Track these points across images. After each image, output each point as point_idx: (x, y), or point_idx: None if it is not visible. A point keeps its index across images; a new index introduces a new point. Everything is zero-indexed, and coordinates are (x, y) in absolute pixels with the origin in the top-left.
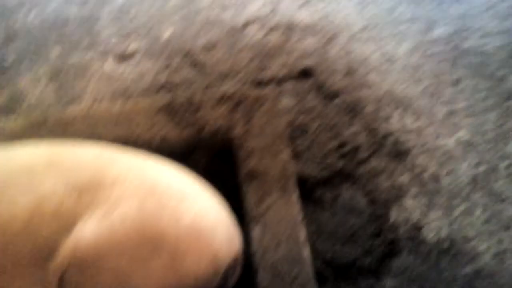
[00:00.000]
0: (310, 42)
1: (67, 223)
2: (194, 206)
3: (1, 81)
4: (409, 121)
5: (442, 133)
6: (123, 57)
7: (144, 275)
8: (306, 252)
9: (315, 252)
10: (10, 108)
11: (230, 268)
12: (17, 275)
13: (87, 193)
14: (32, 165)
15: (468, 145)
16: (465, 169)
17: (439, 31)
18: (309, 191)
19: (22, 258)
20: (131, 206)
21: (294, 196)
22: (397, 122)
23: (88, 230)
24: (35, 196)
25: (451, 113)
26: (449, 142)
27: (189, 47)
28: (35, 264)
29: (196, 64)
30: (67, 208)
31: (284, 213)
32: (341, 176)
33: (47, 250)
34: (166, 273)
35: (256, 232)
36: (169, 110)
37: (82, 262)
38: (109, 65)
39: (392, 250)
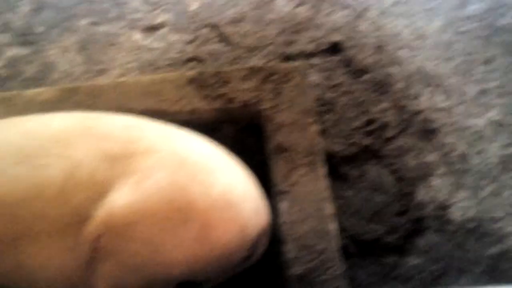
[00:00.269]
0: (339, 16)
1: (100, 191)
2: (224, 178)
3: (30, 52)
4: (439, 100)
5: (473, 113)
6: (151, 29)
7: (173, 245)
8: (333, 227)
9: (339, 228)
10: (39, 78)
11: (258, 239)
12: (50, 242)
13: (119, 162)
14: (66, 133)
15: (499, 126)
16: (495, 150)
17: (473, 8)
18: (335, 167)
19: (55, 224)
20: (162, 176)
21: (322, 171)
22: (426, 100)
23: (120, 199)
24: (69, 163)
25: (482, 92)
26: (480, 122)
27: (216, 19)
28: (68, 231)
29: (223, 37)
30: (100, 176)
31: (312, 188)
32: (368, 153)
33: (80, 217)
34: (195, 243)
35: (283, 205)
36: (198, 82)
37: (115, 230)
38: (137, 36)
39: (417, 228)
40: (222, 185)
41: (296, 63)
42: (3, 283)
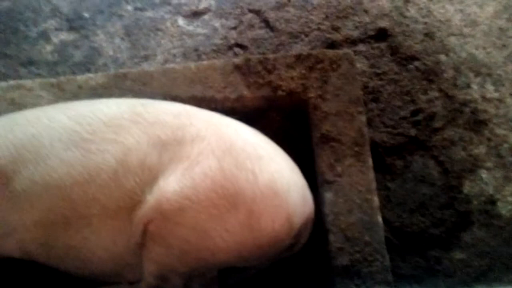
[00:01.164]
0: (387, 1)
1: (151, 176)
2: (270, 167)
3: (78, 37)
4: (490, 90)
5: None
6: (195, 14)
7: (221, 232)
8: (379, 219)
9: (383, 219)
10: (87, 63)
11: (303, 229)
12: (102, 225)
13: (169, 148)
14: (117, 119)
15: None
16: None
17: None
18: (379, 158)
19: (107, 208)
20: (210, 164)
21: (369, 163)
22: (476, 90)
23: (171, 185)
24: (121, 148)
25: None
26: None
27: (260, 5)
28: (120, 214)
29: (267, 23)
30: (151, 161)
31: (358, 179)
32: (414, 144)
33: (131, 201)
34: (242, 230)
35: (328, 195)
36: (244, 70)
37: (166, 214)
38: (181, 22)
39: (463, 222)
40: (269, 173)
41: (344, 51)
42: (55, 265)
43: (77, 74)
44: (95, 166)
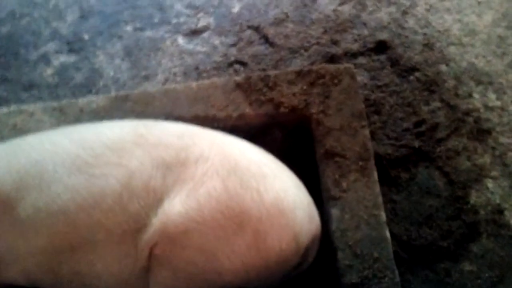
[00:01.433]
0: (385, 13)
1: (156, 199)
2: (275, 186)
3: (78, 59)
4: (492, 98)
5: None
6: (194, 33)
7: (228, 253)
8: (387, 234)
9: (390, 233)
10: (88, 85)
11: (310, 247)
12: (108, 250)
13: (173, 170)
14: (120, 142)
15: None
16: None
17: None
18: (384, 170)
19: (113, 233)
20: (215, 184)
21: (374, 177)
22: (479, 99)
23: (176, 207)
24: (125, 172)
25: None
26: None
27: (259, 21)
28: (126, 238)
29: (266, 39)
30: (155, 184)
31: (364, 194)
32: (418, 156)
33: (137, 225)
34: (249, 250)
35: (335, 211)
36: (245, 87)
37: (171, 237)
38: (181, 41)
39: (471, 233)
40: (274, 191)
41: (344, 65)
42: None
43: (78, 96)
44: (100, 190)
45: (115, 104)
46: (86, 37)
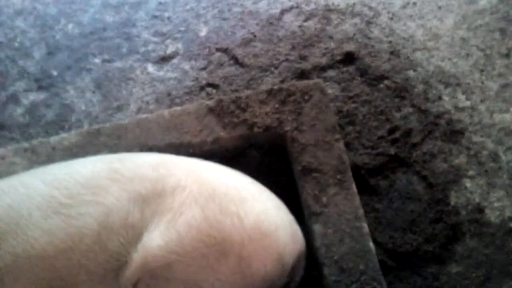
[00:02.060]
0: (350, 25)
1: (135, 234)
2: (255, 208)
3: (48, 96)
4: (461, 99)
5: (497, 109)
6: (163, 60)
7: (213, 281)
8: (371, 245)
9: (375, 242)
10: (60, 121)
11: (296, 266)
12: None
13: (150, 202)
14: (94, 179)
15: None
16: None
17: (484, 1)
18: (363, 180)
19: (94, 273)
20: (194, 213)
21: (353, 189)
22: (448, 101)
23: (155, 240)
24: (101, 210)
25: (504, 87)
26: (505, 117)
27: (227, 43)
28: (107, 277)
29: (236, 60)
30: (133, 219)
31: (345, 207)
32: (395, 162)
33: (118, 263)
34: (234, 276)
35: (317, 228)
36: (217, 111)
37: (153, 272)
38: (151, 68)
39: (454, 234)
40: (255, 215)
41: (313, 80)
42: None
43: (51, 133)
44: (77, 231)
45: (88, 139)
46: (54, 73)
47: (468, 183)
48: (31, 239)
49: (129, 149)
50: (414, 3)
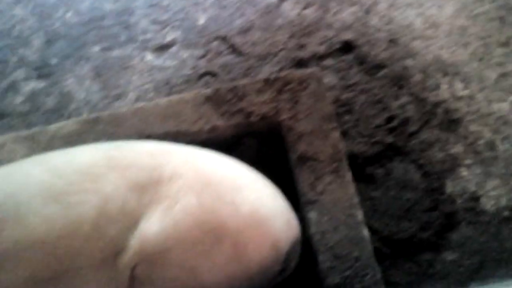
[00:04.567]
0: (348, 13)
1: (132, 221)
2: (250, 195)
3: (48, 84)
4: (459, 88)
5: (495, 98)
6: (162, 48)
7: (209, 267)
8: (366, 233)
9: (371, 230)
10: (59, 109)
11: (291, 253)
12: (89, 277)
13: (147, 190)
14: (92, 166)
15: None
16: None
17: None
18: (360, 168)
19: (93, 259)
20: (190, 200)
21: (348, 177)
22: (446, 90)
23: (152, 227)
24: (99, 197)
25: (502, 76)
26: (503, 106)
27: (225, 31)
28: (106, 263)
29: (234, 48)
30: (131, 206)
31: (340, 195)
32: (392, 151)
33: (116, 249)
34: (230, 263)
35: (312, 215)
36: (215, 100)
37: (150, 258)
38: (149, 57)
39: (450, 223)
40: (250, 202)
41: (311, 69)
42: None
43: (51, 121)
44: (76, 219)
45: (86, 127)
46: (54, 61)
47: (464, 172)
48: (31, 226)
49: (128, 137)
50: None
